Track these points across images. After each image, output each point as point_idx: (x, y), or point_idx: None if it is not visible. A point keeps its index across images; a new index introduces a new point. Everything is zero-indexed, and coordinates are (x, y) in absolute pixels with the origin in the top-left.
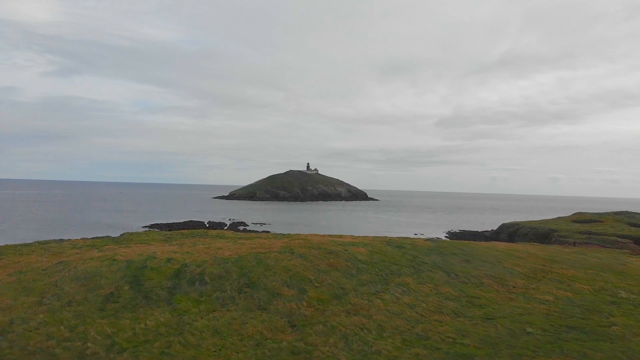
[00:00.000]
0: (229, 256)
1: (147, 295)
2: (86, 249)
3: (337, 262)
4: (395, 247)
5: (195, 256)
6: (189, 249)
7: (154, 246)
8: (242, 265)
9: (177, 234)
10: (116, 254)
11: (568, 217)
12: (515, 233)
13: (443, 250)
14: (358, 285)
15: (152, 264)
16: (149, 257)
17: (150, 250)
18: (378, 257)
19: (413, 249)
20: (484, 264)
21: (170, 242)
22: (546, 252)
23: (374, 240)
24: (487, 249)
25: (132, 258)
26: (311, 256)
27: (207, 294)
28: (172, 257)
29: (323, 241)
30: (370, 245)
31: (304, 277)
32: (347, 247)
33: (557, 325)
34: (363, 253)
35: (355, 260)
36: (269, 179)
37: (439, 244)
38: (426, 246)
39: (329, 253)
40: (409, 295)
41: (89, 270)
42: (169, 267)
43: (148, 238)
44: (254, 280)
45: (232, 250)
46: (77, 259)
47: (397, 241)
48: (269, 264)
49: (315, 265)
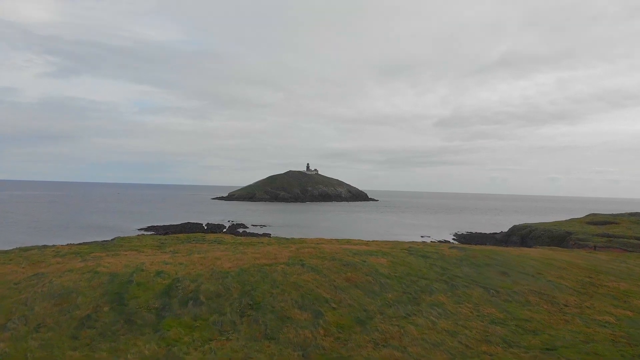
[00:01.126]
0: (228, 269)
1: (130, 319)
2: (69, 257)
3: (356, 276)
4: (420, 257)
5: (190, 268)
6: (183, 258)
7: (144, 254)
8: (244, 280)
9: (172, 239)
10: (100, 265)
11: (581, 219)
12: (528, 236)
13: (474, 261)
14: (384, 305)
15: (138, 278)
16: (136, 269)
17: (138, 261)
18: (402, 269)
19: (440, 259)
20: (523, 276)
21: (164, 249)
22: (586, 261)
23: (393, 249)
24: (521, 257)
25: (117, 270)
26: (325, 269)
27: (203, 318)
28: (162, 270)
29: (336, 250)
30: (390, 254)
31: (319, 295)
32: (365, 257)
33: (629, 355)
34: (384, 265)
35: (377, 273)
36: (269, 179)
37: (468, 253)
38: (454, 255)
39: (345, 265)
40: (447, 319)
41: (65, 285)
42: (159, 282)
43: (140, 244)
44: (259, 299)
45: (232, 261)
46: (55, 270)
47: (420, 249)
48: (276, 279)
49: (331, 280)
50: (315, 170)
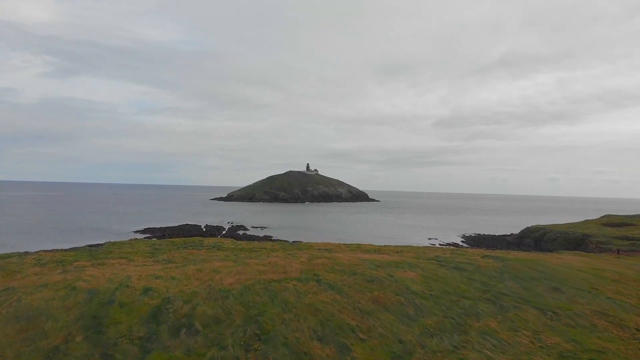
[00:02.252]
0: (229, 286)
1: (107, 352)
2: (50, 267)
3: (385, 296)
4: (453, 270)
5: (183, 284)
6: (177, 271)
7: (133, 264)
8: (248, 301)
9: (166, 244)
10: (80, 279)
11: (596, 220)
12: (542, 238)
13: (517, 273)
14: (423, 335)
15: (122, 297)
16: (120, 284)
17: (124, 273)
18: (437, 286)
19: (477, 271)
20: (578, 292)
21: (156, 257)
22: (634, 270)
23: (418, 259)
24: (566, 268)
25: (98, 286)
26: (346, 287)
27: (198, 352)
28: (150, 287)
29: (354, 261)
30: (418, 266)
31: (342, 322)
32: (390, 270)
33: None
34: (415, 280)
35: (409, 292)
36: (268, 179)
37: (507, 264)
38: (492, 267)
39: (369, 281)
40: (505, 353)
41: (35, 305)
42: (145, 302)
43: (131, 250)
44: (268, 328)
45: (234, 274)
46: (28, 284)
47: (449, 259)
48: (288, 299)
49: (355, 301)
50: (315, 171)
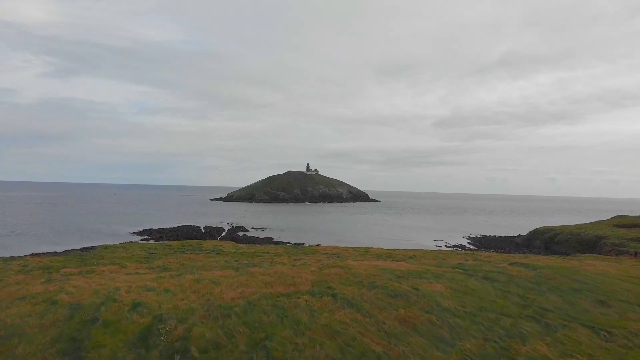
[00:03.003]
0: (231, 301)
1: None
2: (35, 274)
3: (412, 314)
4: (484, 280)
5: (178, 298)
6: (171, 281)
7: (125, 271)
8: (254, 321)
9: (163, 248)
10: (63, 290)
11: (608, 221)
12: (553, 240)
13: (554, 283)
14: None
15: (107, 314)
16: (106, 297)
17: (113, 284)
18: (470, 300)
19: (510, 281)
20: (627, 306)
21: (151, 263)
22: None
23: (441, 267)
24: (604, 277)
25: (82, 299)
26: (366, 302)
27: None
28: (141, 301)
29: (372, 271)
30: (443, 276)
31: (366, 348)
32: (413, 281)
33: None
34: (444, 294)
35: (440, 309)
36: (268, 179)
37: (540, 273)
38: (525, 276)
39: (393, 296)
40: None
41: (9, 323)
42: (134, 320)
43: (125, 254)
44: (278, 355)
45: (236, 286)
46: (6, 296)
47: (475, 267)
48: (300, 319)
49: (378, 321)
50: (315, 171)
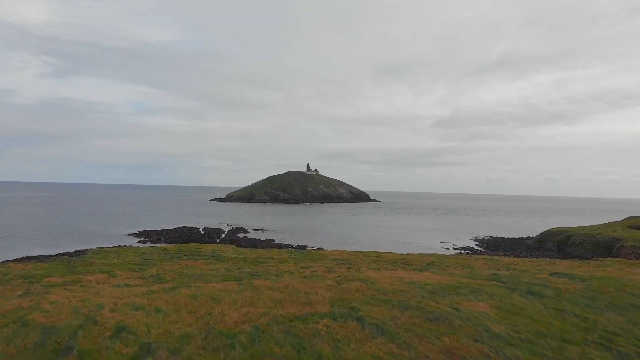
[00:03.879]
0: (235, 326)
1: None
2: (13, 284)
3: (459, 343)
4: (529, 296)
5: (171, 320)
6: (164, 298)
7: (114, 281)
8: (263, 353)
9: (158, 253)
10: (38, 306)
11: (621, 222)
12: (566, 242)
13: (609, 298)
14: None
15: (85, 341)
16: (87, 319)
17: (97, 300)
18: (523, 323)
19: (560, 297)
20: None
21: (143, 272)
22: None
23: (475, 279)
24: None
25: (58, 321)
26: (401, 329)
27: None
28: (126, 324)
29: (398, 285)
30: (482, 292)
31: None
32: (451, 299)
33: None
34: (490, 315)
35: (490, 335)
36: (268, 180)
37: (589, 285)
38: (574, 289)
39: (432, 320)
40: None
41: None
42: (116, 351)
43: (116, 260)
44: None
45: (240, 305)
46: None
47: (515, 279)
48: (321, 351)
49: (419, 354)
50: (315, 171)
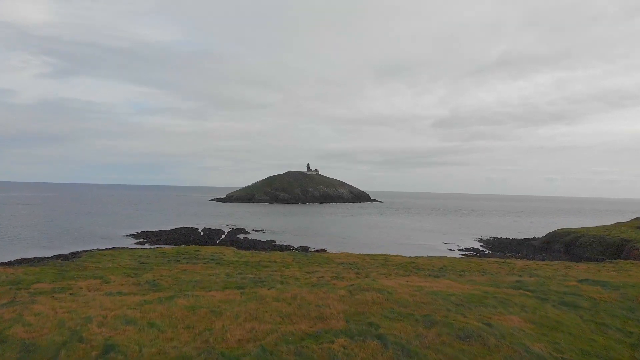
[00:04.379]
0: (238, 345)
1: None
2: (0, 290)
3: None
4: (564, 307)
5: (167, 337)
6: (159, 309)
7: (104, 290)
8: None
9: (156, 256)
10: (20, 319)
11: (629, 223)
12: (574, 243)
13: None
14: None
15: None
16: (72, 334)
17: (85, 312)
18: (564, 340)
19: (596, 307)
20: None
21: (139, 277)
22: None
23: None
24: None
25: (40, 336)
26: (429, 349)
27: None
28: (115, 342)
29: (420, 297)
30: (512, 302)
31: None
32: (480, 312)
33: None
34: (526, 331)
35: (532, 356)
36: (268, 180)
37: (625, 294)
38: (609, 299)
39: (463, 338)
40: None
41: None
42: None
43: (111, 265)
44: None
45: (244, 319)
46: None
47: (543, 287)
48: None
49: None
50: (316, 171)
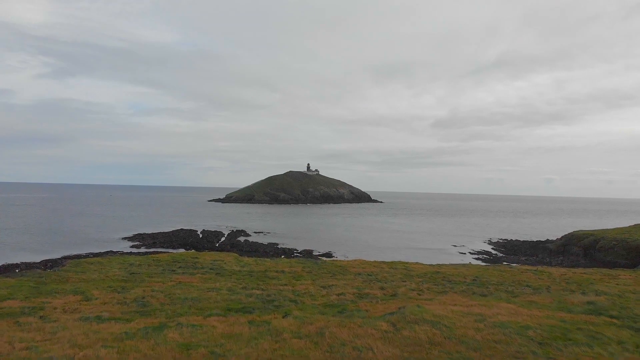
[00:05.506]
0: None
1: None
2: None
3: None
4: None
5: None
6: (142, 347)
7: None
8: None
9: (149, 264)
10: None
11: None
12: (593, 247)
13: None
14: None
15: None
16: None
17: (49, 349)
18: None
19: None
20: None
21: (125, 293)
22: None
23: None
24: None
25: None
26: None
27: None
28: None
29: (486, 332)
30: (604, 337)
31: None
32: (574, 355)
33: None
34: None
35: None
36: (268, 180)
37: None
38: None
39: None
40: None
41: None
42: None
43: (97, 275)
44: None
45: None
46: None
47: (623, 310)
48: None
49: None
50: (316, 171)
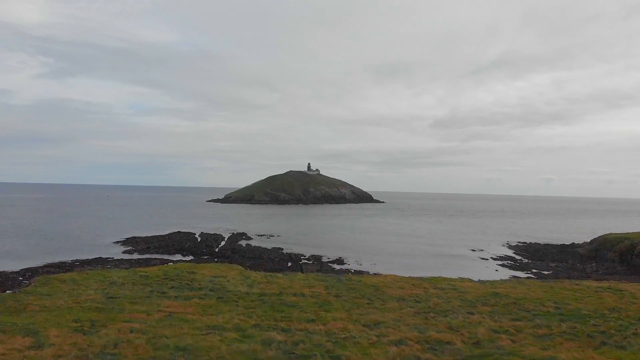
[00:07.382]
0: None
1: None
2: None
3: None
4: None
5: None
6: None
7: None
8: None
9: (134, 282)
10: None
11: None
12: (631, 252)
13: None
14: None
15: None
16: None
17: None
18: None
19: None
20: None
21: (92, 336)
22: None
23: None
24: None
25: None
26: None
27: None
28: None
29: None
30: None
31: None
32: None
33: None
34: None
35: None
36: (268, 180)
37: None
38: None
39: None
40: None
41: None
42: None
43: (64, 302)
44: None
45: None
46: None
47: None
48: None
49: None
50: (317, 171)
